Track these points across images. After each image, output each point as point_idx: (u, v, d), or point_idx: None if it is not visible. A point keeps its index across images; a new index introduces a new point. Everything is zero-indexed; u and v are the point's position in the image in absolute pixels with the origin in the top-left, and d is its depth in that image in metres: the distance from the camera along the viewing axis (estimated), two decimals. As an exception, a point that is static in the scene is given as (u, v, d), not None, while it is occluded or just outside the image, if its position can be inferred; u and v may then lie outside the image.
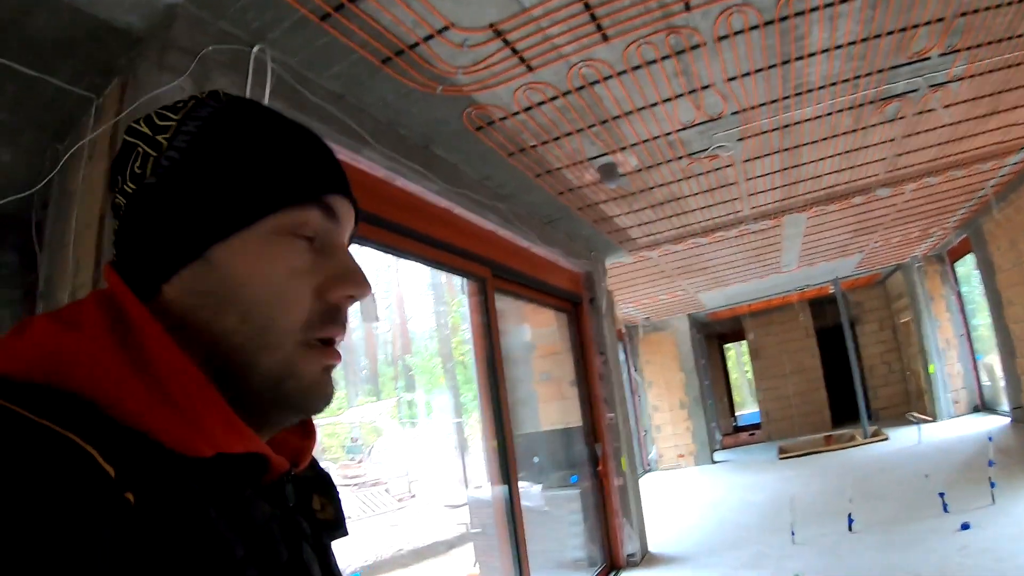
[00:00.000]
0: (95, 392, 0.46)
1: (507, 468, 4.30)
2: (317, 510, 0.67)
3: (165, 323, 0.52)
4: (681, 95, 3.35)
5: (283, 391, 0.57)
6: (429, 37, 2.54)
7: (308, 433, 0.68)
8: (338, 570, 0.68)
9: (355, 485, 14.94)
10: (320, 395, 0.60)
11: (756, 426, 14.18)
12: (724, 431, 15.16)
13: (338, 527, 0.70)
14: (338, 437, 20.22)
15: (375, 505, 13.44)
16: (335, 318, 0.60)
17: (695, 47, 2.91)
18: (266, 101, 2.17)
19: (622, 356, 12.12)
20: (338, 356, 0.62)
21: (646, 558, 5.92)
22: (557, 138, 3.64)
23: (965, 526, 4.79)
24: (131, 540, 0.41)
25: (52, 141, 2.36)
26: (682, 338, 12.14)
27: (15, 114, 2.22)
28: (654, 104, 3.40)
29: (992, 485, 5.31)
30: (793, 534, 5.47)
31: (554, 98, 3.21)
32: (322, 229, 0.60)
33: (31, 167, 2.31)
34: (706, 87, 3.30)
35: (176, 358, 0.51)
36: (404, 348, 30.42)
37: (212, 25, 2.15)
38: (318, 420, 0.71)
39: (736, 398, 19.21)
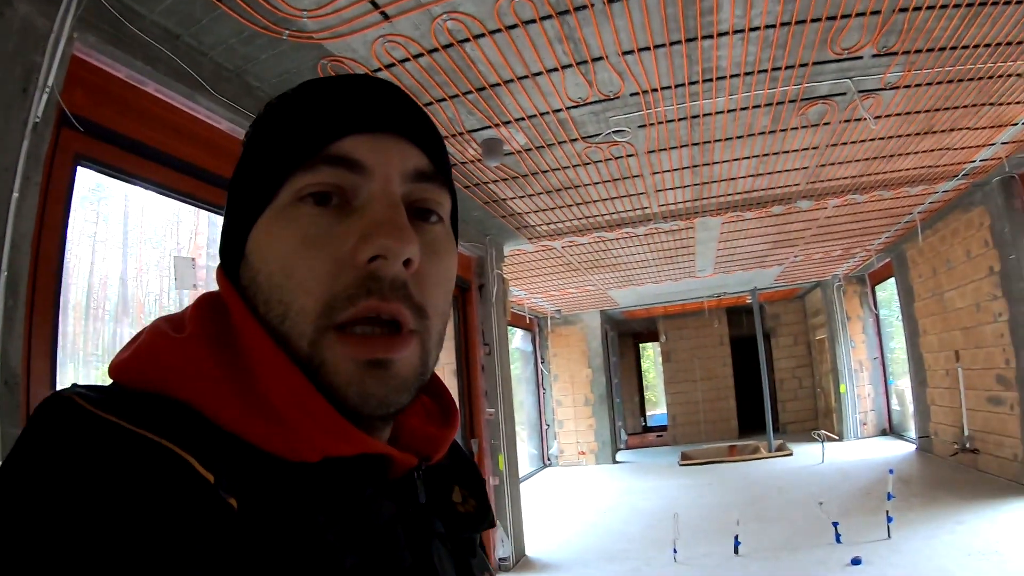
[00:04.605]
0: (196, 398, 0.43)
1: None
2: (458, 503, 0.60)
3: None
4: (568, 66, 2.88)
5: (323, 386, 0.45)
6: (260, -30, 2.13)
7: (448, 421, 0.59)
8: (483, 568, 0.61)
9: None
10: (361, 394, 0.46)
11: (664, 428, 14.11)
12: (632, 431, 15.04)
13: (482, 520, 0.60)
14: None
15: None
16: (366, 289, 0.45)
17: (580, 8, 2.45)
18: (67, 30, 1.93)
19: (530, 348, 11.76)
20: (385, 348, 0.46)
21: (521, 562, 5.70)
22: (429, 103, 3.14)
23: (856, 561, 4.59)
24: (234, 545, 0.37)
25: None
26: (592, 334, 11.86)
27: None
28: (537, 73, 2.93)
29: (889, 520, 5.14)
30: (675, 552, 5.28)
31: (419, 55, 2.74)
32: (341, 185, 0.47)
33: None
34: (597, 59, 2.84)
35: (273, 360, 0.45)
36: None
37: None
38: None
39: (651, 397, 19.20)
